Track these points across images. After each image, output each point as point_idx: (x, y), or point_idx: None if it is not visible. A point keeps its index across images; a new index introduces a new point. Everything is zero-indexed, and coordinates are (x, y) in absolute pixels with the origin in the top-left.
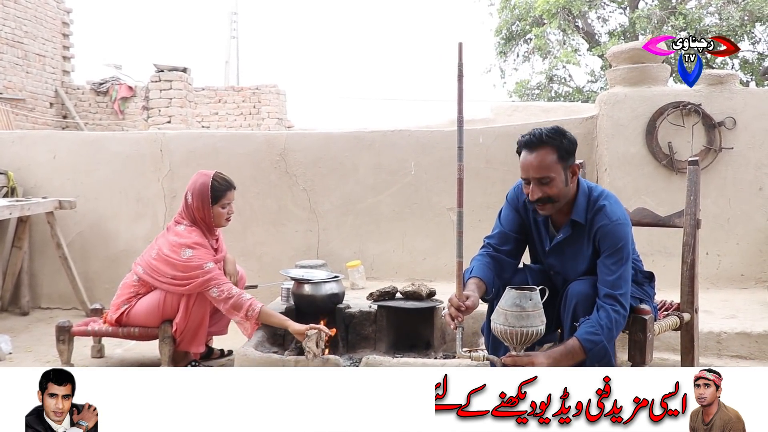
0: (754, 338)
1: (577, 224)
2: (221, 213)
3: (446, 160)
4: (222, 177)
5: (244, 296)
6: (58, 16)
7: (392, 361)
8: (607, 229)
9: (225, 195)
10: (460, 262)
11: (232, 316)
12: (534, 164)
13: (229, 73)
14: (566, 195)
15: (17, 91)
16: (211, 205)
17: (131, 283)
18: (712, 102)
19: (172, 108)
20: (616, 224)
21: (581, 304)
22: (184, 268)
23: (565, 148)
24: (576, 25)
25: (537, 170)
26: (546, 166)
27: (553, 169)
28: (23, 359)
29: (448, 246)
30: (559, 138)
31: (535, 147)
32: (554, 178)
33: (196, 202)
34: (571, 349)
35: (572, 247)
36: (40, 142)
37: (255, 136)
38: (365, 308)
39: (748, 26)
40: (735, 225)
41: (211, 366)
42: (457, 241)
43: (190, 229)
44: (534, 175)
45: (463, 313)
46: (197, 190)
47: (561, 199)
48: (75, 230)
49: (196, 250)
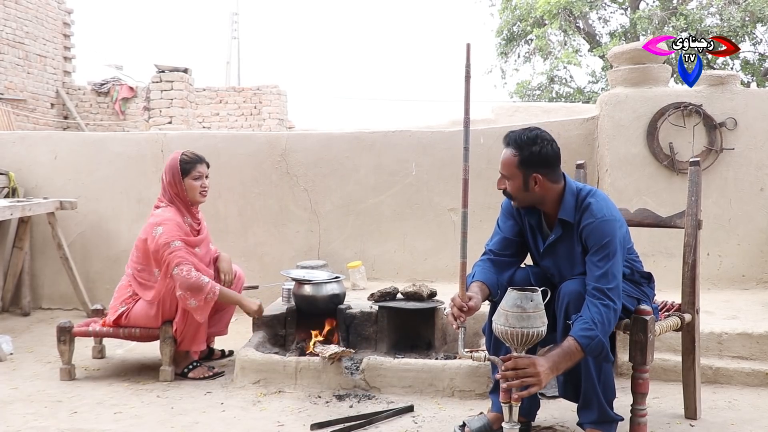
0: (756, 339)
1: (567, 224)
2: (193, 185)
3: (447, 161)
4: (191, 152)
5: (202, 279)
6: (59, 17)
7: (393, 362)
8: (592, 226)
9: (195, 167)
10: (463, 263)
11: (186, 300)
12: (501, 159)
13: (230, 73)
14: (526, 198)
15: (18, 91)
16: (182, 179)
17: (125, 285)
18: (713, 103)
19: (173, 108)
20: (601, 221)
21: (573, 304)
22: (155, 248)
23: (527, 158)
24: (577, 25)
25: (501, 165)
26: (506, 166)
27: (511, 171)
28: (24, 359)
29: (449, 246)
30: (526, 147)
31: (506, 145)
32: (511, 179)
33: (167, 176)
34: (568, 349)
35: (565, 247)
36: (41, 143)
37: (256, 136)
38: (366, 309)
39: (749, 27)
40: (736, 226)
41: (213, 366)
42: (461, 242)
43: (165, 209)
44: (499, 169)
45: (465, 314)
46: (168, 166)
47: (519, 199)
48: (76, 231)
49: (166, 225)
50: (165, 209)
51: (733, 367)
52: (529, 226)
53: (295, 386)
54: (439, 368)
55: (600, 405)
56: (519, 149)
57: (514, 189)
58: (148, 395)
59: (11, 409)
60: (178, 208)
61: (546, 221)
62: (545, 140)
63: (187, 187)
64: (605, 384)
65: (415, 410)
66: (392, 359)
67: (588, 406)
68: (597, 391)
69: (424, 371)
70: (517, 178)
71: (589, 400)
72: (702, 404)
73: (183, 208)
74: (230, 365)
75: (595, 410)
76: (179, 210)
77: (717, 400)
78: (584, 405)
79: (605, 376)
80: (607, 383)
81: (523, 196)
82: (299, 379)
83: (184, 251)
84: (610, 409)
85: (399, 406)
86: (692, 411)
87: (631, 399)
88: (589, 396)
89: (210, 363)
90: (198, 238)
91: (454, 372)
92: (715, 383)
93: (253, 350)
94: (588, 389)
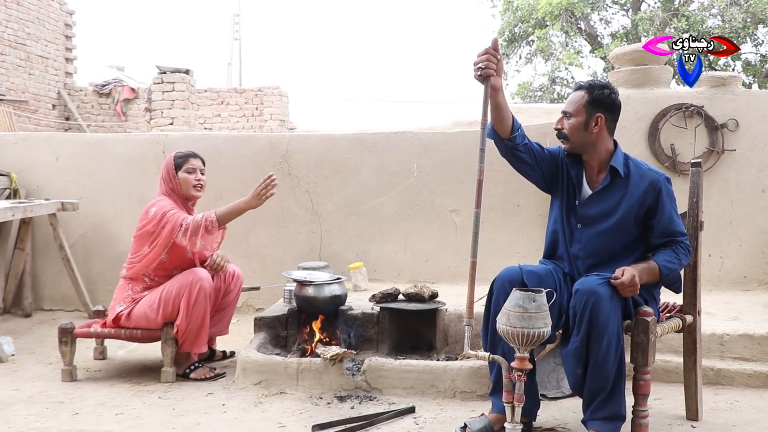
0: (757, 340)
1: (616, 174)
2: (187, 178)
3: (449, 162)
4: (185, 149)
5: (196, 218)
6: (60, 18)
7: (395, 363)
8: (661, 183)
9: (187, 160)
10: (473, 262)
11: (195, 245)
12: (568, 99)
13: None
14: (581, 139)
15: (20, 92)
16: (176, 172)
17: (123, 285)
18: (715, 104)
19: (174, 110)
20: (668, 178)
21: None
22: (151, 223)
23: (596, 97)
24: (578, 27)
25: (566, 104)
26: (572, 103)
27: (577, 108)
28: (26, 361)
29: (450, 248)
30: (597, 89)
31: (576, 88)
32: (574, 116)
33: (163, 172)
34: (652, 269)
35: (611, 197)
36: (42, 144)
37: (257, 137)
38: (368, 310)
39: (751, 28)
40: (737, 227)
41: (214, 367)
42: (472, 241)
43: (161, 199)
44: (563, 108)
45: (495, 64)
46: (164, 163)
47: (573, 140)
48: (77, 232)
49: (160, 203)
50: (161, 199)
51: (735, 369)
52: (567, 175)
53: (297, 387)
54: (441, 369)
55: (615, 400)
56: (590, 90)
57: (573, 127)
58: (150, 396)
59: (13, 410)
60: (174, 201)
61: (588, 176)
62: (613, 89)
63: (180, 180)
64: (623, 378)
65: (416, 411)
66: (394, 360)
67: (599, 401)
68: (620, 386)
69: (426, 372)
70: (581, 115)
71: (602, 395)
72: (703, 405)
73: (179, 202)
74: (232, 366)
75: (608, 407)
76: (175, 203)
77: (718, 402)
78: (594, 399)
79: (623, 370)
80: (623, 378)
81: (579, 136)
82: (301, 381)
83: (178, 213)
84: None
85: (400, 407)
86: (694, 412)
87: (633, 400)
88: (601, 390)
89: (211, 364)
90: None
91: (455, 373)
92: (717, 384)
93: (255, 351)
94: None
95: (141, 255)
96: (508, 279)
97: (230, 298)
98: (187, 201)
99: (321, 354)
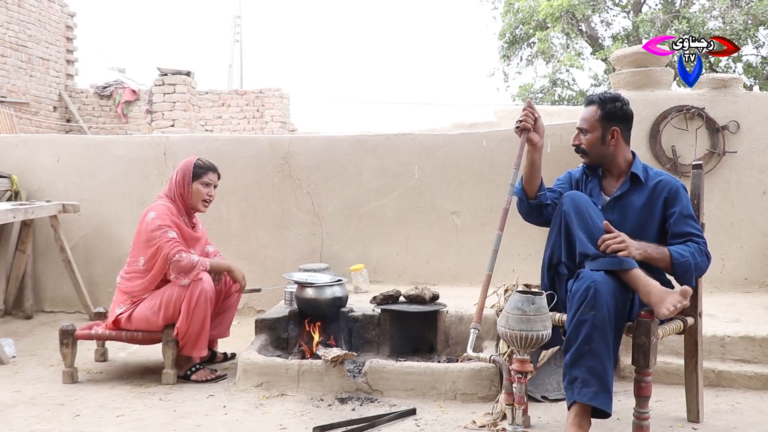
0: (758, 342)
1: (636, 180)
2: (200, 190)
3: (449, 164)
4: (207, 160)
5: (193, 259)
6: (61, 20)
7: (396, 365)
8: (676, 188)
9: (206, 173)
10: (489, 275)
11: (179, 280)
12: (581, 116)
13: (232, 76)
14: (600, 152)
15: (21, 94)
16: (191, 181)
17: (121, 289)
18: (716, 106)
19: (175, 111)
20: (683, 186)
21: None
22: (146, 228)
23: (609, 111)
24: (579, 28)
25: (580, 120)
26: (587, 120)
27: (592, 124)
28: (27, 362)
29: (451, 249)
30: (609, 102)
31: (588, 103)
32: (590, 132)
33: (179, 176)
34: (661, 251)
35: (634, 202)
36: (43, 146)
37: (258, 139)
38: (368, 312)
39: (752, 30)
40: (739, 229)
41: (215, 369)
42: (490, 258)
43: (163, 202)
44: (578, 125)
45: (532, 125)
46: (182, 166)
47: (593, 154)
48: (78, 234)
49: (159, 210)
50: (163, 202)
51: (736, 371)
52: (584, 186)
53: (298, 389)
54: (442, 371)
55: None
56: (602, 104)
57: (591, 142)
58: (151, 398)
59: (14, 412)
60: (177, 207)
61: (606, 184)
62: (624, 101)
63: (193, 190)
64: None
65: (417, 413)
66: (395, 362)
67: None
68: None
69: (427, 374)
70: (597, 130)
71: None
72: (704, 407)
73: (183, 209)
74: (233, 368)
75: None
76: (178, 209)
77: (719, 404)
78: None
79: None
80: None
81: (598, 150)
82: (302, 382)
83: (177, 240)
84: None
85: (401, 409)
86: (695, 414)
87: (634, 402)
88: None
89: (212, 366)
90: (194, 236)
91: (456, 375)
92: (718, 386)
93: (256, 353)
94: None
95: (137, 275)
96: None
97: (231, 301)
98: (190, 210)
99: (322, 356)
